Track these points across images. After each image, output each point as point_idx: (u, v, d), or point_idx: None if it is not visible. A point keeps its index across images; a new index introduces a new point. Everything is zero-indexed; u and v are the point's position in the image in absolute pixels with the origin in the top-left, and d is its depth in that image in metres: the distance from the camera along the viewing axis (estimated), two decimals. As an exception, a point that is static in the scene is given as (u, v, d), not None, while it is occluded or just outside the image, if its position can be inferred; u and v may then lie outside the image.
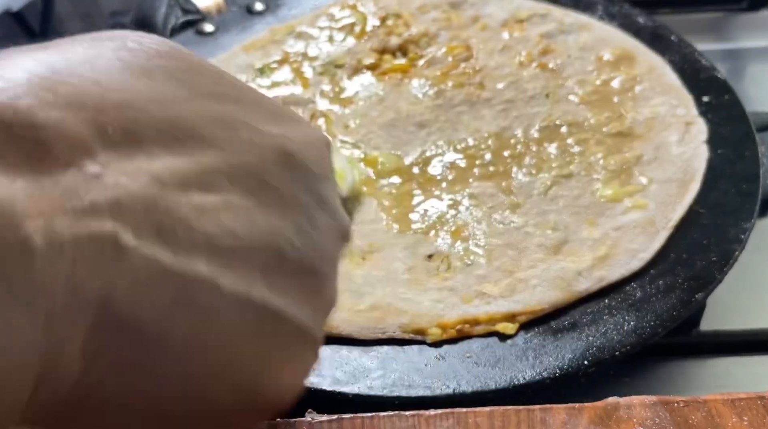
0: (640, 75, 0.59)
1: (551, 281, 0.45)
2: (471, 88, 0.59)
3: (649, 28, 0.64)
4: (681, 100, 0.57)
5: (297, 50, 0.63)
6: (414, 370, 0.41)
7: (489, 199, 0.50)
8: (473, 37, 0.64)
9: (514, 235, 0.48)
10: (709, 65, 0.59)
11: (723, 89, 0.57)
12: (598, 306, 0.44)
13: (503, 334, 0.43)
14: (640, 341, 0.41)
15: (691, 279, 0.44)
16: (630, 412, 0.37)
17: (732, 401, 0.38)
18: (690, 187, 0.50)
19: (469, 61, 0.62)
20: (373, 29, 0.65)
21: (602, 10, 0.66)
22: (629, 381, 0.44)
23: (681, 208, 0.49)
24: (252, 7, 0.69)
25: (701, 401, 0.38)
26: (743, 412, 0.37)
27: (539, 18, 0.65)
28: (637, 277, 0.45)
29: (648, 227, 0.48)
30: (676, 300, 0.43)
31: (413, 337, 0.43)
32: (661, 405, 0.38)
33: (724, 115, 0.55)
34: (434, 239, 0.48)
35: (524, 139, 0.54)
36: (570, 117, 0.56)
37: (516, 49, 0.62)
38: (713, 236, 0.47)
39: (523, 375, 0.40)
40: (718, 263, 0.45)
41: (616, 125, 0.55)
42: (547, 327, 0.43)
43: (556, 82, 0.59)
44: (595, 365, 0.41)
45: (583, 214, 0.49)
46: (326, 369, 0.41)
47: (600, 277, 0.45)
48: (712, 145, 0.53)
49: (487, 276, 0.46)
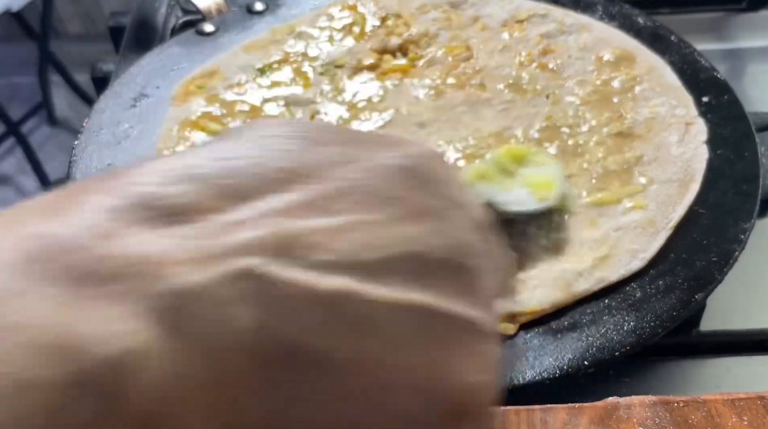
0: (640, 75, 0.59)
1: (551, 282, 0.45)
2: (471, 88, 0.59)
3: (649, 28, 0.64)
4: (681, 101, 0.57)
5: (297, 50, 0.63)
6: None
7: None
8: (473, 37, 0.64)
9: (514, 235, 0.48)
10: (708, 66, 0.59)
11: (723, 90, 0.57)
12: (598, 306, 0.44)
13: (503, 334, 0.43)
14: (640, 341, 0.41)
15: (691, 279, 0.44)
16: (630, 412, 0.38)
17: (732, 401, 0.38)
18: (690, 187, 0.50)
19: (469, 61, 0.62)
20: (373, 29, 0.65)
21: (602, 10, 0.66)
22: (629, 381, 0.44)
23: (681, 208, 0.49)
24: (252, 7, 0.69)
25: (701, 401, 0.38)
26: (743, 412, 0.37)
27: (539, 18, 0.65)
28: (637, 278, 0.45)
29: (648, 227, 0.48)
30: (675, 300, 0.43)
31: (413, 338, 0.43)
32: (661, 405, 0.38)
33: (724, 115, 0.55)
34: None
35: (524, 140, 0.54)
36: (570, 117, 0.56)
37: (516, 49, 0.62)
38: (713, 236, 0.47)
39: (523, 375, 0.40)
40: (717, 263, 0.45)
41: (616, 125, 0.55)
42: (547, 327, 0.43)
43: (556, 83, 0.59)
44: (595, 365, 0.41)
45: (583, 214, 0.49)
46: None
47: (600, 277, 0.45)
48: (711, 145, 0.53)
49: (488, 276, 0.45)
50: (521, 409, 0.38)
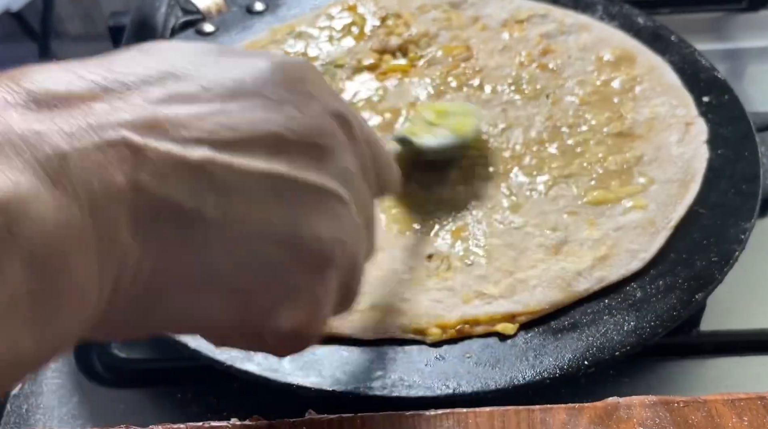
0: (640, 75, 0.59)
1: (551, 281, 0.45)
2: (471, 88, 0.59)
3: (650, 28, 0.64)
4: (681, 101, 0.57)
5: (297, 50, 0.63)
6: (414, 370, 0.41)
7: (489, 199, 0.50)
8: (473, 37, 0.64)
9: (515, 235, 0.48)
10: (709, 66, 0.59)
11: (723, 89, 0.57)
12: (598, 306, 0.44)
13: (503, 334, 0.43)
14: (640, 341, 0.41)
15: (691, 279, 0.44)
16: (630, 412, 0.38)
17: (732, 401, 0.38)
18: (690, 187, 0.50)
19: (469, 61, 0.62)
20: (373, 29, 0.65)
21: (602, 10, 0.66)
22: (629, 381, 0.44)
23: (681, 208, 0.49)
24: (252, 7, 0.69)
25: (701, 401, 0.38)
26: (743, 412, 0.37)
27: (539, 18, 0.65)
28: (637, 278, 0.45)
29: (648, 227, 0.48)
30: (676, 300, 0.43)
31: (413, 337, 0.43)
32: (661, 405, 0.38)
33: (725, 115, 0.55)
34: (434, 239, 0.48)
35: (524, 140, 0.54)
36: (570, 117, 0.56)
37: (516, 49, 0.62)
38: (713, 236, 0.47)
39: (523, 375, 0.40)
40: (718, 263, 0.45)
41: (617, 125, 0.55)
42: (547, 327, 0.43)
43: (556, 83, 0.59)
44: (595, 365, 0.41)
45: (583, 214, 0.49)
46: (326, 369, 0.41)
47: (600, 277, 0.45)
48: (712, 145, 0.53)
49: (487, 276, 0.46)
50: (521, 409, 0.38)
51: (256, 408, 0.41)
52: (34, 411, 0.43)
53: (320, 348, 0.42)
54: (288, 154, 0.26)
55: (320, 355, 0.42)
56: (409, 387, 0.40)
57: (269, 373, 0.40)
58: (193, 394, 0.44)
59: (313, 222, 0.26)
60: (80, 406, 0.44)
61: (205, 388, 0.44)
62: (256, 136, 0.25)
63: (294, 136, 0.26)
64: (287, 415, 0.38)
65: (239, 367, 0.41)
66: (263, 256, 0.25)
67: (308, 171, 0.26)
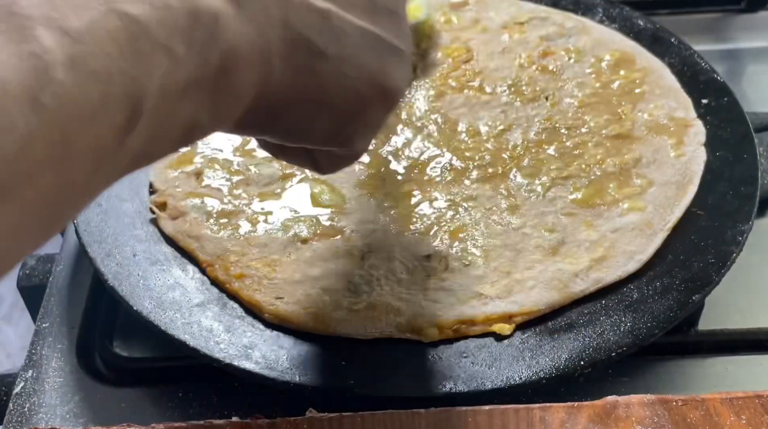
0: (639, 78, 0.59)
1: (548, 282, 0.45)
2: (471, 90, 0.59)
3: (649, 30, 0.64)
4: (680, 103, 0.57)
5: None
6: (411, 370, 0.41)
7: (487, 200, 0.51)
8: (474, 39, 0.64)
9: (512, 236, 0.48)
10: (708, 68, 0.59)
11: (722, 92, 0.57)
12: (594, 307, 0.44)
13: (500, 334, 0.43)
14: (636, 342, 0.42)
15: (688, 281, 0.45)
16: (629, 411, 0.38)
17: (730, 400, 0.38)
18: (688, 189, 0.50)
19: (470, 62, 0.62)
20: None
21: (602, 12, 0.66)
22: (628, 380, 0.44)
23: (679, 210, 0.49)
24: None
25: (699, 400, 0.38)
26: (741, 411, 0.38)
27: (539, 21, 0.66)
28: (635, 279, 0.46)
29: (645, 229, 0.48)
30: (673, 301, 0.43)
31: (410, 337, 0.43)
32: (660, 404, 0.38)
33: (723, 117, 0.56)
34: (433, 240, 0.48)
35: (523, 141, 0.55)
36: (569, 119, 0.56)
37: (516, 51, 0.63)
38: (711, 238, 0.47)
39: (519, 375, 0.40)
40: (715, 265, 0.45)
41: (615, 128, 0.55)
42: (543, 327, 0.43)
43: (555, 85, 0.59)
44: (591, 366, 0.41)
45: (580, 215, 0.49)
46: (324, 368, 0.41)
47: (597, 278, 0.45)
48: (710, 147, 0.53)
49: (485, 277, 0.46)
50: (520, 408, 0.38)
51: (257, 406, 0.41)
52: (37, 409, 0.43)
53: (318, 347, 0.42)
54: (378, 16, 0.34)
55: (318, 354, 0.42)
56: (407, 386, 0.40)
57: (267, 371, 0.40)
58: (195, 393, 0.44)
59: (393, 71, 0.35)
60: (82, 405, 0.44)
61: (206, 387, 0.44)
62: None
63: (381, 3, 0.34)
64: (288, 413, 0.39)
65: (237, 364, 0.41)
66: (358, 87, 0.33)
67: (391, 34, 0.34)
